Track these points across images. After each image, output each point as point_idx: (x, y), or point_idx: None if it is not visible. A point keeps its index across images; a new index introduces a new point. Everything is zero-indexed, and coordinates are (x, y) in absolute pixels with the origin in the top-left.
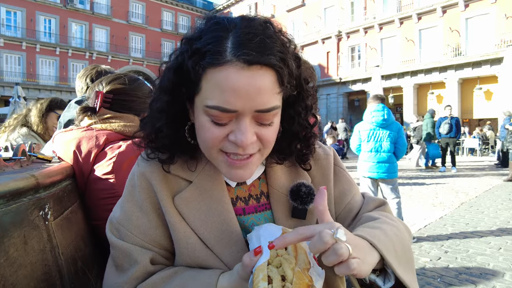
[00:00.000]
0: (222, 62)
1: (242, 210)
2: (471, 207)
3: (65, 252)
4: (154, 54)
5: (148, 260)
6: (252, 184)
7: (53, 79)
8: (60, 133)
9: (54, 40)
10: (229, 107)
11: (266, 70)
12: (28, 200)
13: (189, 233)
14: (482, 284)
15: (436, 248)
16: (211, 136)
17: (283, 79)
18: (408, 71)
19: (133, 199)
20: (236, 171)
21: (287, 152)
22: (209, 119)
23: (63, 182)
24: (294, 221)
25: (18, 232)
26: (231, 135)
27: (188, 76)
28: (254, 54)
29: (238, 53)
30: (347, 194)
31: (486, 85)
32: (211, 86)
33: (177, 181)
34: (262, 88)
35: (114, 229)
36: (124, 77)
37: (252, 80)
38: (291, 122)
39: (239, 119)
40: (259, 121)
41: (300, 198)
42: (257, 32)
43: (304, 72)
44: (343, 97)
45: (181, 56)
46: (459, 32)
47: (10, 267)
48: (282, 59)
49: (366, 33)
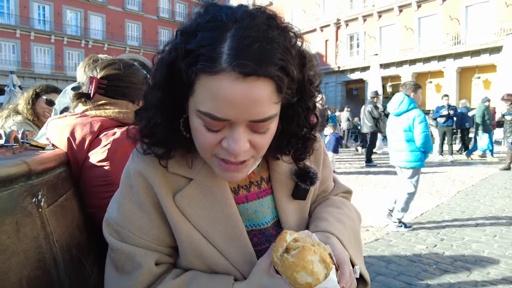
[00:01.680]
0: (216, 70)
1: (245, 198)
2: (467, 196)
3: (60, 240)
4: (150, 42)
5: (153, 262)
6: (252, 172)
7: (48, 67)
8: (54, 119)
9: (49, 27)
10: (221, 116)
11: (264, 81)
12: (20, 187)
13: (192, 231)
14: (477, 271)
15: (432, 235)
16: (204, 140)
17: (282, 88)
18: (406, 59)
19: (131, 198)
20: (230, 174)
21: (284, 151)
22: (202, 123)
23: (57, 169)
24: (295, 202)
25: (10, 219)
26: (224, 141)
27: (181, 77)
28: (251, 65)
29: (234, 63)
30: (328, 178)
31: (484, 74)
32: (204, 92)
33: (176, 179)
34: (258, 100)
35: (113, 231)
36: (119, 63)
37: (247, 92)
38: (290, 122)
39: (232, 127)
40: (253, 129)
41: (310, 179)
42: (258, 36)
43: (309, 71)
44: (342, 85)
45: (174, 52)
46: (458, 20)
47: (2, 255)
48: (283, 67)
49: (365, 21)
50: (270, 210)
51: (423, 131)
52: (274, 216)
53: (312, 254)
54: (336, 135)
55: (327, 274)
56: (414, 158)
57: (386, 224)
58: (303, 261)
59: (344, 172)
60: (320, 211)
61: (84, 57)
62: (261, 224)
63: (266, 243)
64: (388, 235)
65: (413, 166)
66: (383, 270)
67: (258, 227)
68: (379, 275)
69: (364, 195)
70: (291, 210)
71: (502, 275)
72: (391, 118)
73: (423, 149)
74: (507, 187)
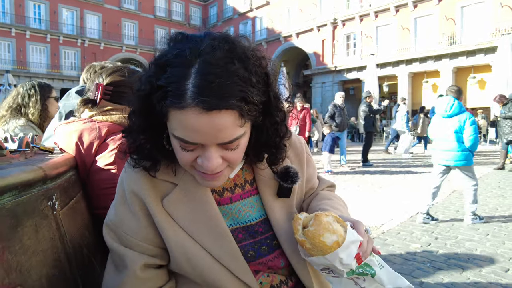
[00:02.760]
0: (182, 106)
1: (229, 199)
2: (461, 195)
3: (72, 240)
4: (147, 41)
5: (139, 265)
6: (236, 175)
7: (44, 66)
8: (62, 125)
9: (45, 26)
10: (191, 140)
11: (226, 112)
12: (37, 191)
13: (179, 232)
14: (470, 268)
15: (427, 234)
16: (182, 157)
17: (244, 115)
18: (403, 59)
19: (124, 202)
20: (209, 183)
21: (258, 158)
22: (178, 143)
23: (68, 173)
24: (280, 201)
25: (30, 221)
26: (198, 159)
27: (154, 107)
28: (212, 101)
29: (196, 100)
30: (313, 176)
31: (480, 74)
32: (174, 121)
33: (164, 185)
34: (223, 127)
35: (110, 231)
36: (124, 69)
37: (211, 122)
38: (260, 134)
39: (204, 147)
40: (224, 147)
41: (291, 178)
42: (218, 73)
43: (274, 87)
44: (338, 85)
45: (149, 85)
46: (454, 21)
47: (25, 254)
48: (243, 98)
49: (362, 20)
50: (254, 209)
51: (473, 133)
52: (261, 214)
53: (326, 217)
54: (333, 135)
55: (345, 229)
56: (466, 157)
57: (382, 223)
58: (322, 225)
59: (341, 172)
60: (317, 204)
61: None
62: (245, 222)
63: (250, 239)
64: (383, 234)
65: (466, 164)
66: None
67: (242, 225)
68: None
69: (361, 194)
70: (278, 208)
71: (494, 272)
72: (439, 120)
73: (470, 149)
74: (501, 187)
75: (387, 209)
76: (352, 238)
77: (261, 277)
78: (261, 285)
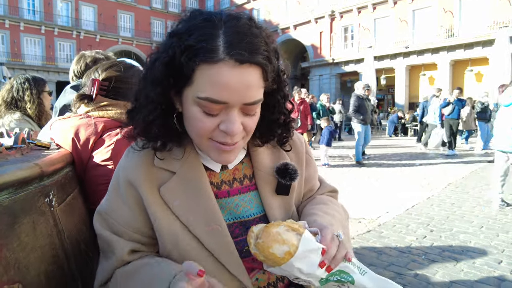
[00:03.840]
0: (216, 60)
1: (227, 192)
2: (457, 188)
3: (70, 236)
4: (143, 33)
5: (126, 251)
6: (235, 168)
7: (39, 58)
8: (58, 120)
9: (39, 18)
10: (220, 99)
11: (254, 68)
12: (34, 188)
13: (173, 221)
14: (464, 260)
15: (422, 227)
16: (203, 126)
17: (268, 75)
18: (400, 52)
19: (117, 192)
20: (224, 156)
21: (268, 136)
22: (200, 109)
23: (64, 169)
24: (279, 198)
25: (27, 218)
26: (222, 125)
27: (180, 70)
28: (246, 54)
29: (231, 53)
30: (313, 178)
31: (477, 67)
32: (203, 80)
33: (162, 173)
34: (251, 84)
35: (101, 219)
36: (120, 65)
37: (242, 77)
38: (272, 110)
39: (228, 110)
40: (245, 112)
41: (289, 175)
42: (246, 32)
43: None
44: (336, 78)
45: (171, 50)
46: (452, 13)
47: (23, 251)
48: (267, 57)
49: (360, 13)
50: (253, 204)
51: None
52: (259, 210)
53: (276, 227)
54: (330, 129)
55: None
56: None
57: (378, 216)
58: (270, 236)
59: (338, 165)
60: (309, 209)
61: (76, 49)
62: (242, 217)
63: (246, 234)
64: (379, 227)
65: None
66: (374, 261)
67: (239, 220)
68: (371, 265)
69: (357, 187)
70: (276, 205)
71: (487, 264)
72: (501, 109)
73: None
74: None
75: (383, 202)
76: (308, 246)
77: (257, 274)
78: (257, 281)
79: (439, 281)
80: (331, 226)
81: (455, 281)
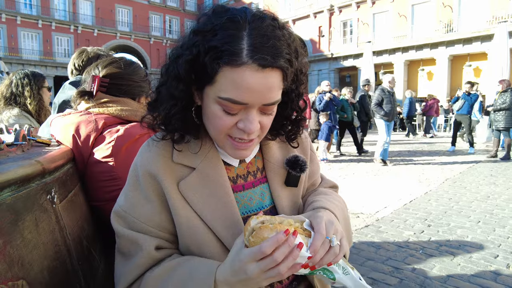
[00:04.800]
0: (240, 63)
1: (242, 186)
2: (454, 183)
3: (72, 233)
4: (141, 27)
5: (153, 246)
6: (249, 162)
7: (37, 53)
8: (58, 117)
9: (36, 12)
10: (241, 100)
11: (276, 71)
12: (36, 185)
13: (192, 217)
14: (460, 255)
15: (420, 222)
16: (222, 123)
17: (288, 77)
18: (399, 47)
19: (137, 188)
20: (240, 152)
21: (279, 131)
22: (221, 108)
23: (65, 166)
24: (288, 189)
25: (30, 216)
26: (240, 123)
27: (203, 69)
28: (268, 59)
29: (255, 57)
30: (316, 173)
31: (475, 62)
32: (226, 81)
33: (181, 169)
34: (272, 87)
35: (120, 218)
36: (120, 61)
37: (264, 81)
38: (285, 107)
39: (248, 110)
40: (262, 111)
41: (299, 166)
42: (269, 35)
43: (301, 61)
44: (335, 73)
45: (195, 49)
46: (451, 8)
47: (26, 248)
48: (289, 60)
49: (359, 7)
50: (264, 197)
51: None
52: (270, 202)
53: (269, 232)
54: (329, 124)
55: None
56: None
57: (376, 211)
58: (260, 239)
59: (336, 160)
60: (311, 199)
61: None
62: (254, 210)
63: None
64: (378, 222)
65: None
66: (373, 255)
67: (252, 213)
68: (369, 260)
69: (356, 182)
70: (285, 197)
71: (483, 258)
72: None
73: None
74: (493, 174)
75: (381, 197)
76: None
77: None
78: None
79: (436, 275)
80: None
81: (452, 275)
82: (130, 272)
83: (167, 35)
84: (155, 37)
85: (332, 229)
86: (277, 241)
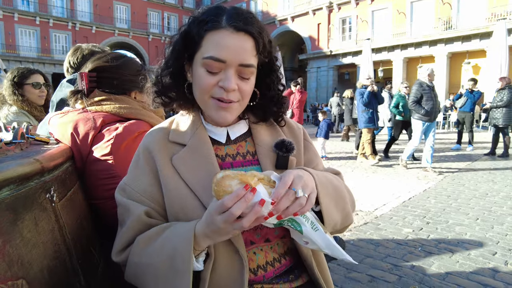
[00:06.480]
0: (219, 27)
1: (230, 164)
2: (453, 180)
3: (71, 231)
4: (140, 25)
5: (143, 212)
6: (239, 145)
7: (34, 50)
8: (56, 115)
9: (33, 8)
10: (220, 57)
11: (248, 37)
12: (35, 184)
13: (181, 186)
14: (459, 252)
15: (419, 219)
16: (205, 82)
17: (259, 47)
18: (398, 44)
19: (137, 165)
20: (222, 113)
21: (266, 110)
22: (205, 69)
23: (64, 164)
24: (278, 171)
25: (29, 215)
26: (220, 82)
27: (193, 39)
28: (241, 24)
29: (230, 22)
30: (313, 160)
31: (474, 59)
32: (209, 43)
33: (175, 146)
34: (245, 48)
35: (121, 190)
36: (107, 55)
37: (238, 41)
38: (268, 88)
39: (226, 70)
40: (240, 75)
41: (286, 147)
42: (243, 12)
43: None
44: (333, 70)
45: (188, 27)
46: (450, 5)
47: (25, 247)
48: (260, 32)
49: (358, 4)
50: None
51: None
52: None
53: (230, 180)
54: (328, 121)
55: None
56: None
57: (375, 208)
58: (222, 186)
59: (335, 158)
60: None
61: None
62: None
63: None
64: (376, 219)
65: None
66: (372, 253)
67: None
68: (368, 257)
69: (354, 180)
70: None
71: (482, 255)
72: None
73: None
74: (491, 172)
75: (380, 194)
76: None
77: (255, 249)
78: (254, 255)
79: (435, 272)
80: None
81: (450, 272)
82: (122, 235)
83: (166, 32)
84: (153, 34)
85: (301, 182)
86: (237, 196)
